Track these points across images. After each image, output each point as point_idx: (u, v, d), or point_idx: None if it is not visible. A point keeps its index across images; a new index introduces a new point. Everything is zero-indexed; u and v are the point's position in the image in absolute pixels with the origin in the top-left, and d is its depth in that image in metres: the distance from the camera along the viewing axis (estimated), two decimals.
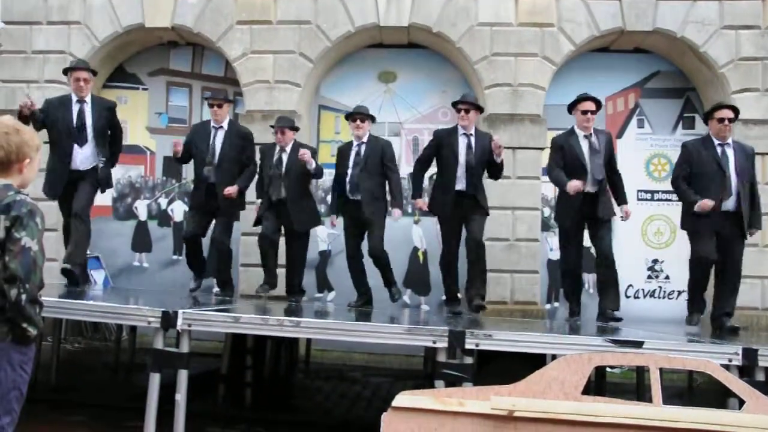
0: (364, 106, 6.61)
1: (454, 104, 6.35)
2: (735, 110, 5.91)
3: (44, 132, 5.79)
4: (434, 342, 3.84)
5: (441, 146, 6.24)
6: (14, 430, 2.62)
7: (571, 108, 6.11)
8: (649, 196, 8.11)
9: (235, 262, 8.01)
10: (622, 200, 6.11)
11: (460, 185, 6.12)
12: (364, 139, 6.45)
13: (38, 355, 5.27)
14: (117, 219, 8.60)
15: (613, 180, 6.08)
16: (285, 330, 4.09)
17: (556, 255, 8.18)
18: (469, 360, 3.80)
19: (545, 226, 8.12)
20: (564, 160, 5.96)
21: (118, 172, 8.72)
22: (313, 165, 6.27)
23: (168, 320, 3.97)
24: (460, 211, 6.13)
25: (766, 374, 3.71)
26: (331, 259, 8.16)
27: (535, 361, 3.96)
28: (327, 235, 8.07)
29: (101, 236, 8.60)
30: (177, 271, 8.19)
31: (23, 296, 2.52)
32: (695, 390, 6.56)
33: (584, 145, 5.93)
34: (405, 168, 8.34)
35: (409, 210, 8.32)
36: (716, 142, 5.79)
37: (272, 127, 6.61)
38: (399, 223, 8.23)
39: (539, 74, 7.88)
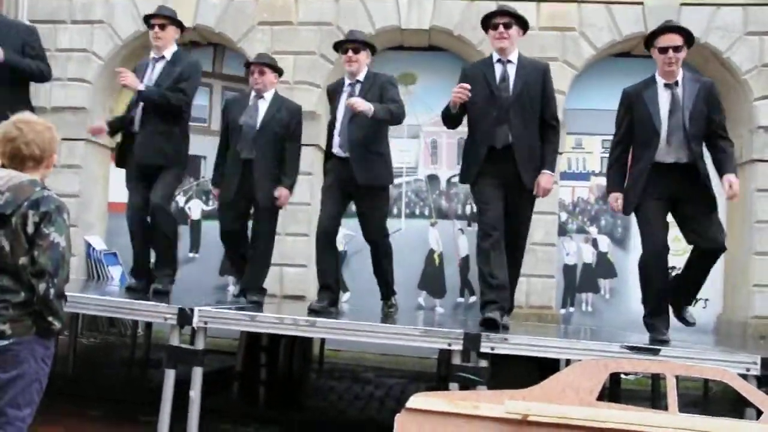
0: (360, 31, 5.21)
1: (487, 19, 4.46)
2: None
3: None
4: (449, 345, 3.84)
5: (469, 82, 4.34)
6: (32, 421, 2.66)
7: (649, 45, 4.45)
8: None
9: None
10: (724, 169, 4.21)
11: (492, 140, 4.30)
12: (360, 77, 4.84)
13: (56, 349, 5.34)
14: None
15: (715, 146, 4.26)
16: (300, 329, 4.10)
17: (572, 260, 8.17)
18: (483, 363, 3.79)
19: (562, 231, 8.08)
20: (631, 119, 4.33)
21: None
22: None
23: (184, 317, 4.00)
24: (500, 182, 4.37)
25: None
26: (347, 260, 8.17)
27: (540, 364, 3.95)
28: (343, 235, 8.08)
29: (119, 233, 8.64)
30: (193, 268, 8.23)
31: (51, 290, 2.59)
32: (711, 398, 6.49)
33: (663, 98, 4.27)
34: (422, 170, 8.36)
35: (426, 213, 8.33)
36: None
37: (247, 66, 5.30)
38: (415, 225, 8.26)
39: (560, 78, 7.81)
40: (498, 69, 4.41)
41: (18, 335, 2.57)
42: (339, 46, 4.96)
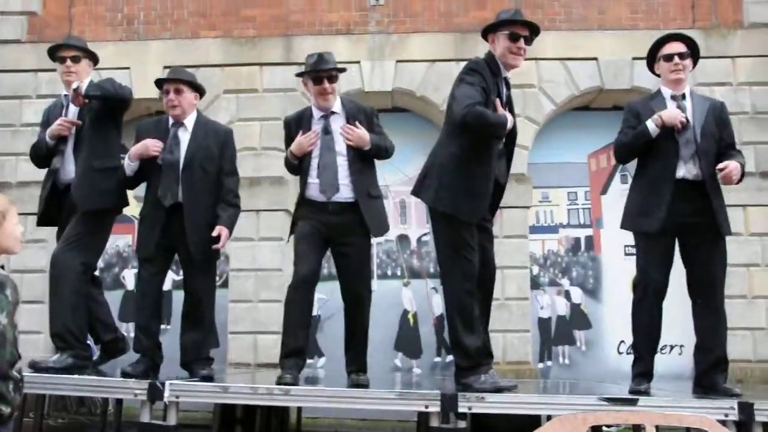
0: (329, 52, 4.24)
1: (499, 26, 3.88)
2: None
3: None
4: (426, 406, 3.77)
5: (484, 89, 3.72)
6: None
7: (652, 59, 4.25)
8: (635, 250, 8.14)
9: (224, 329, 7.94)
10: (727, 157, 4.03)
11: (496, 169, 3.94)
12: (335, 108, 4.21)
13: None
14: (104, 289, 8.48)
15: (728, 155, 4.05)
16: (275, 399, 4.01)
17: (546, 313, 8.18)
18: (462, 424, 3.74)
19: (534, 285, 8.11)
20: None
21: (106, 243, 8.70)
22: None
23: (155, 392, 3.88)
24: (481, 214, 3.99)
25: (763, 429, 3.66)
26: (321, 324, 8.07)
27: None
28: (317, 299, 8.00)
29: None
30: (165, 340, 8.04)
31: None
32: None
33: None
34: (393, 230, 8.36)
35: (398, 273, 8.31)
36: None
37: (159, 86, 4.45)
38: (387, 285, 8.22)
39: (522, 134, 7.97)
40: (503, 89, 3.95)
41: None
42: (306, 74, 4.20)
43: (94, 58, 4.65)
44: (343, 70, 4.32)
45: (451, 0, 8.22)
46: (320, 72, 4.12)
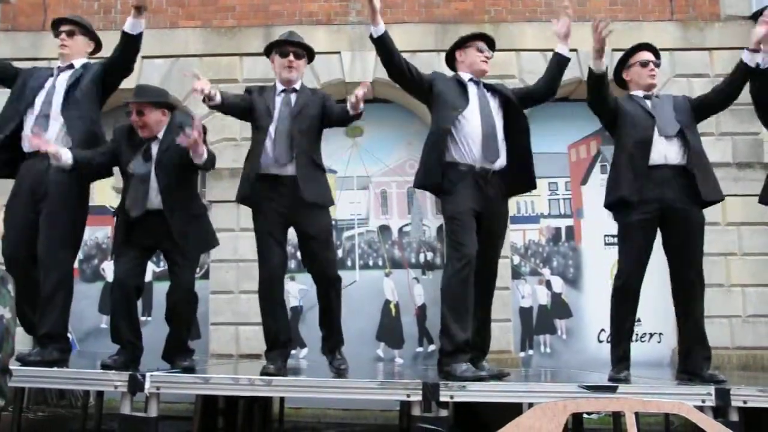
0: (296, 33, 4.44)
1: (465, 42, 4.42)
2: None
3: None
4: (408, 396, 3.80)
5: (437, 89, 4.25)
6: None
7: (621, 67, 4.57)
8: (616, 240, 8.22)
9: (205, 320, 7.91)
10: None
11: (477, 158, 4.08)
12: (297, 86, 4.32)
13: None
14: (84, 281, 8.44)
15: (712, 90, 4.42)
16: (257, 389, 4.01)
17: (527, 303, 8.24)
18: (444, 413, 3.76)
19: (516, 274, 8.17)
20: (617, 119, 4.28)
21: (84, 233, 8.60)
22: (203, 155, 4.11)
23: (135, 384, 3.87)
24: (480, 202, 4.07)
25: (739, 414, 3.73)
26: (303, 315, 8.07)
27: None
28: (298, 290, 8.01)
29: None
30: (145, 332, 7.99)
31: None
32: None
33: (647, 103, 4.34)
34: (374, 221, 8.39)
35: (379, 263, 8.32)
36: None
37: (126, 107, 4.42)
38: (369, 276, 8.23)
39: None
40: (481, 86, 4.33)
41: None
42: (273, 48, 4.30)
43: (93, 38, 4.67)
44: (310, 50, 4.43)
45: None
46: (287, 45, 4.26)
